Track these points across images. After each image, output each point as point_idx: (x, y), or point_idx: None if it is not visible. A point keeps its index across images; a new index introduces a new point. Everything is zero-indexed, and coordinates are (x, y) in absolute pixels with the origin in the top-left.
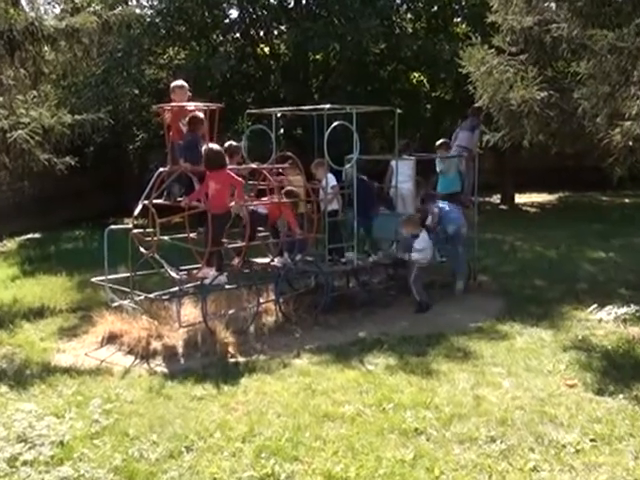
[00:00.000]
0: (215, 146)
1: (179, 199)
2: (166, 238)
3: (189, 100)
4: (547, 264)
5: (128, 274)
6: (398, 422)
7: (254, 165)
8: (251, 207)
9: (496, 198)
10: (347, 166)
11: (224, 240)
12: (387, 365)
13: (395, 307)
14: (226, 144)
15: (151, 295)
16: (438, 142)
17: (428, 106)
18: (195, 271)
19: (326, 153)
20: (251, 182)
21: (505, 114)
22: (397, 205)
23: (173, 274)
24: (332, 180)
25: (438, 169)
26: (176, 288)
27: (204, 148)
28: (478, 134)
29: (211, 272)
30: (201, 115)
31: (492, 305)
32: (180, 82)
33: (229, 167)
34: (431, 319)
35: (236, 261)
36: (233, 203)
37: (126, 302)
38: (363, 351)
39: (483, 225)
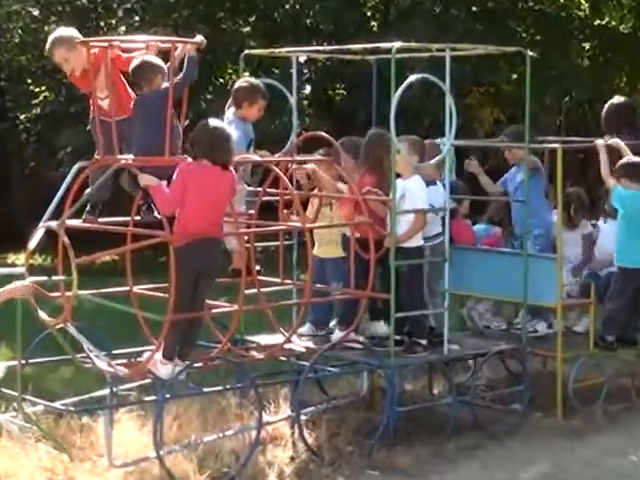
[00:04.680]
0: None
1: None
2: (88, 294)
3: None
4: None
5: (15, 362)
6: None
7: (256, 156)
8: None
9: None
10: (433, 160)
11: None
12: None
13: (524, 435)
14: (241, 83)
15: (57, 404)
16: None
17: (586, 45)
18: (144, 357)
19: (393, 132)
20: (250, 188)
21: None
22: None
23: (100, 364)
24: (417, 189)
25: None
26: (106, 391)
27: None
28: None
29: (166, 364)
30: (160, 63)
31: None
32: (64, 32)
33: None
34: (593, 460)
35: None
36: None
37: (8, 416)
38: None
39: None
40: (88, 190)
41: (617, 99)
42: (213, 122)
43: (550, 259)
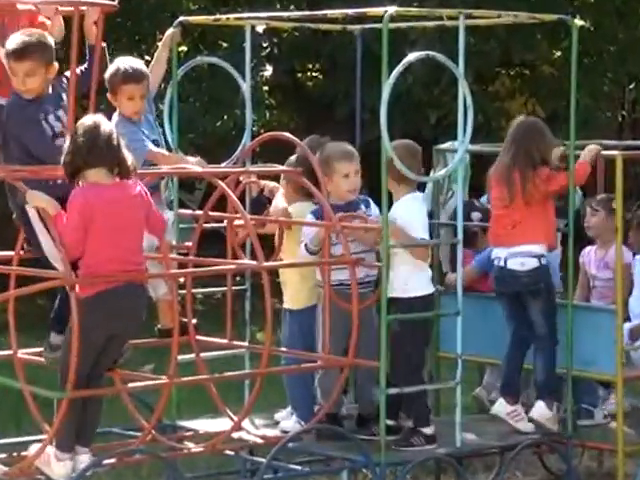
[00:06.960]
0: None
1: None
2: None
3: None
4: None
5: None
6: None
7: (195, 164)
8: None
9: None
10: (440, 172)
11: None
12: None
13: None
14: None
15: None
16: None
17: None
18: (31, 450)
19: (384, 131)
20: (186, 211)
21: None
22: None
23: None
24: (411, 215)
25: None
26: None
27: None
28: None
29: (63, 460)
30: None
31: None
32: None
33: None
34: None
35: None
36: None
37: None
38: None
39: None
40: None
41: None
42: (92, 118)
43: (606, 311)
